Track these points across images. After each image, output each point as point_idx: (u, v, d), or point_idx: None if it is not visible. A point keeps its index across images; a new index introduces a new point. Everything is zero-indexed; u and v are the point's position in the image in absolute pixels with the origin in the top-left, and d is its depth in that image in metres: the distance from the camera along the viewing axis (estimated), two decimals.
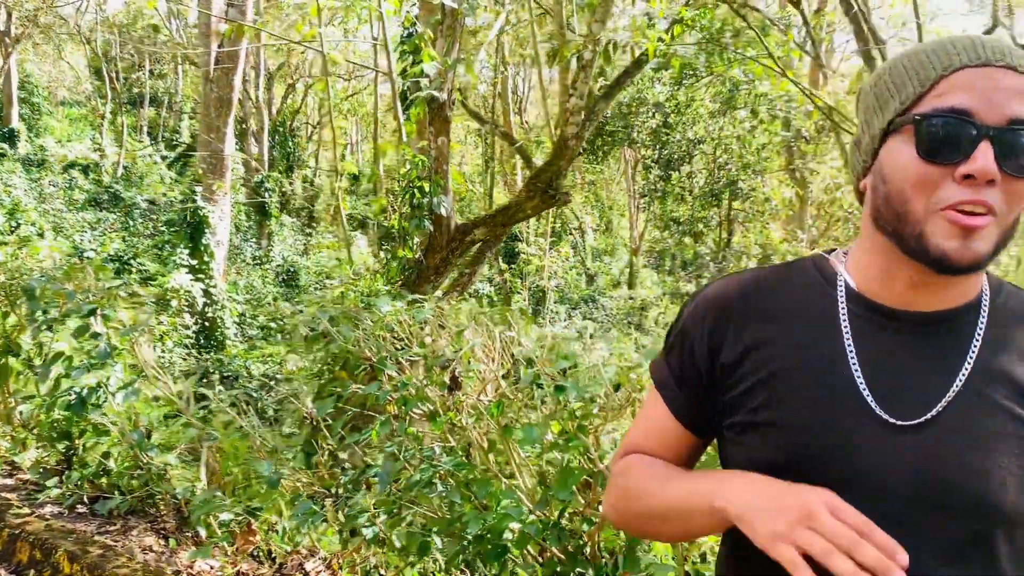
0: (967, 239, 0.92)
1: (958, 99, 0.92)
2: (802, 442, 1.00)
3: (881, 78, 1.01)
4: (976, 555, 0.95)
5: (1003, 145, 0.90)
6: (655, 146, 14.96)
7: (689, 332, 1.14)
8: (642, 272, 24.89)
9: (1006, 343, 1.00)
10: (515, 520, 2.78)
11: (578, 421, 2.69)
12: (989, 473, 0.94)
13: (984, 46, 0.93)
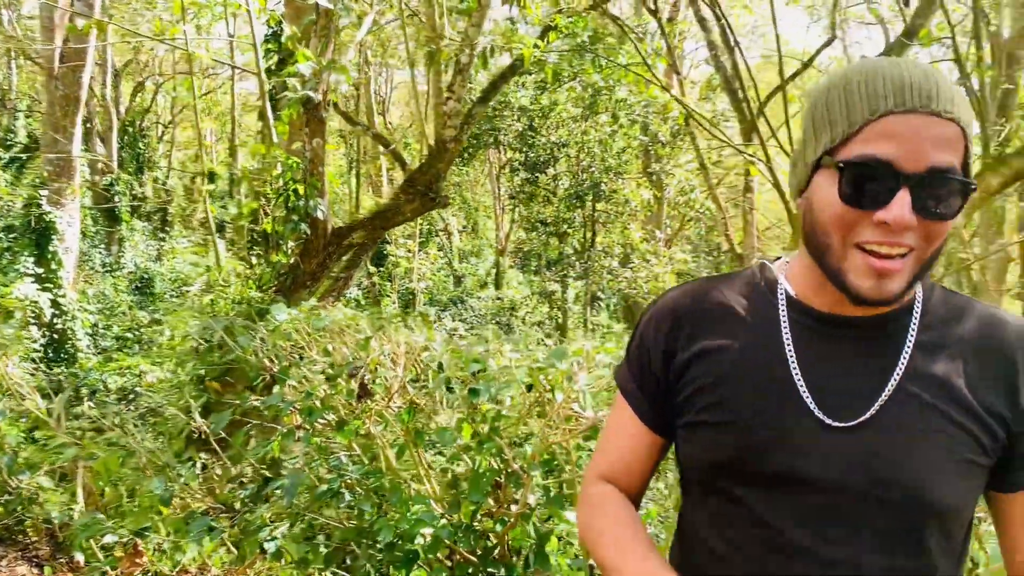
0: (881, 280, 0.98)
1: (881, 148, 0.96)
2: (746, 441, 1.07)
3: (816, 105, 1.05)
4: (908, 545, 1.02)
5: (921, 192, 0.95)
6: (521, 149, 15.18)
7: (646, 341, 1.21)
8: (508, 272, 25.17)
9: (937, 345, 1.07)
10: (427, 525, 2.78)
11: (491, 423, 2.72)
12: (921, 469, 1.01)
13: (912, 90, 0.95)
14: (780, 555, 1.04)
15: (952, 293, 1.15)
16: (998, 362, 1.06)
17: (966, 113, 0.98)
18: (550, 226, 16.18)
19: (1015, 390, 1.05)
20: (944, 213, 0.97)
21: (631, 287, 15.04)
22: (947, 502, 1.02)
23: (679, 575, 1.11)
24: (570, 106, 15.26)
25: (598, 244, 16.01)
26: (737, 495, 1.08)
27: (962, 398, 1.04)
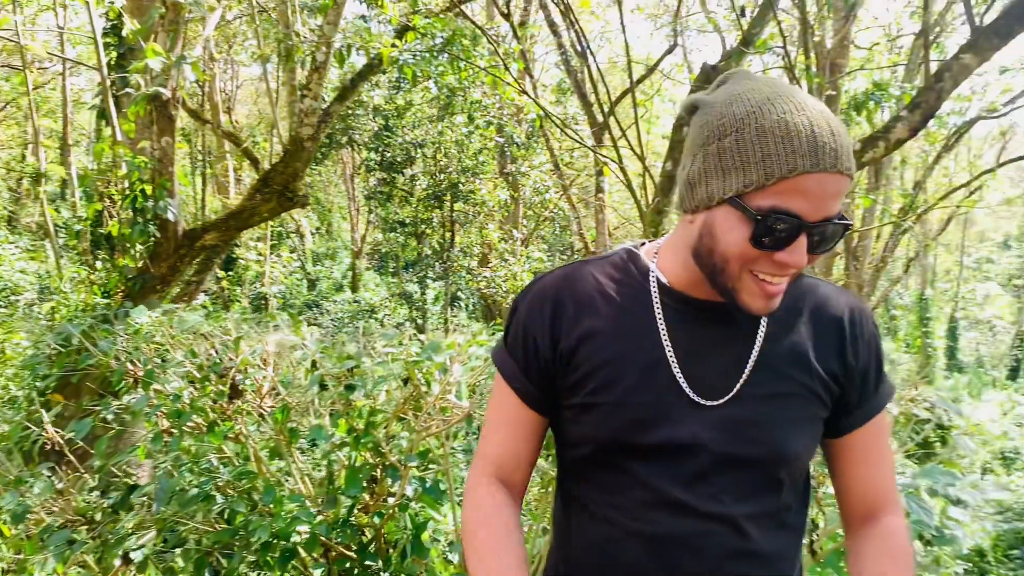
0: (769, 300, 1.13)
1: (794, 203, 1.05)
2: (631, 419, 1.18)
3: (726, 140, 1.09)
4: (769, 492, 1.19)
5: (815, 235, 1.08)
6: (377, 149, 15.04)
7: (530, 326, 1.27)
8: (365, 275, 24.88)
9: (784, 322, 1.23)
10: (304, 522, 2.78)
11: (367, 418, 2.75)
12: (778, 430, 1.18)
13: (824, 151, 1.04)
14: (664, 513, 1.17)
15: (802, 275, 1.30)
16: (831, 329, 1.24)
17: (853, 165, 1.09)
18: (408, 227, 16.14)
19: (844, 351, 1.23)
20: (826, 249, 1.11)
21: (490, 286, 15.23)
22: (798, 453, 1.20)
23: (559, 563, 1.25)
24: (426, 106, 15.29)
25: (457, 244, 16.11)
26: (624, 466, 1.20)
27: (807, 364, 1.21)
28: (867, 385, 1.25)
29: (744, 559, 1.17)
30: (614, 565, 1.20)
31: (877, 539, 1.26)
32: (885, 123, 4.87)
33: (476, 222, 16.30)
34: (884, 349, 1.27)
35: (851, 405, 1.25)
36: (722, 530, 1.16)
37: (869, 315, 1.27)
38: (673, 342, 1.20)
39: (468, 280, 16.41)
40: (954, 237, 35.63)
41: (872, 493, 1.28)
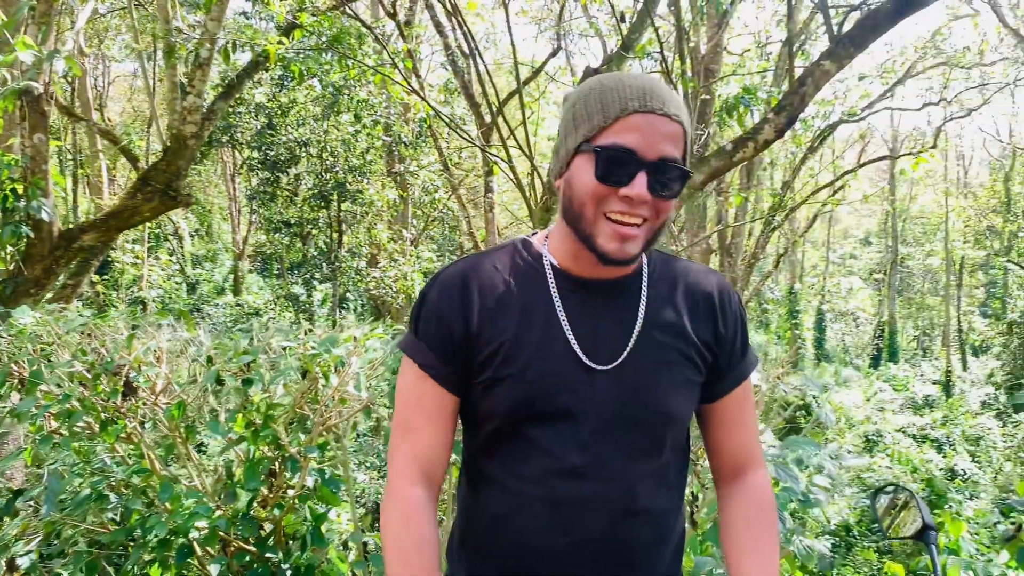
0: (623, 243, 1.25)
1: (627, 138, 1.22)
2: (535, 388, 1.30)
3: (576, 104, 1.29)
4: (656, 450, 1.34)
5: (654, 175, 1.23)
6: (260, 147, 14.74)
7: (443, 310, 1.34)
8: (248, 277, 24.28)
9: (662, 297, 1.38)
10: (202, 517, 2.78)
11: (265, 412, 2.78)
12: (662, 393, 1.33)
13: (652, 96, 1.23)
14: (565, 479, 1.28)
15: (670, 257, 1.47)
16: (704, 304, 1.39)
17: (686, 118, 1.27)
18: (294, 227, 15.87)
19: (715, 322, 1.39)
20: (669, 193, 1.25)
21: (380, 287, 15.16)
22: (679, 413, 1.35)
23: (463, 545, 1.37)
24: (310, 105, 15.07)
25: (345, 245, 15.94)
26: (528, 435, 1.30)
27: (685, 333, 1.36)
28: (735, 353, 1.41)
29: (636, 516, 1.30)
30: (519, 531, 1.30)
31: (745, 490, 1.42)
32: (754, 125, 5.20)
33: (364, 222, 16.18)
34: (749, 328, 1.46)
35: (722, 372, 1.40)
36: (616, 490, 1.28)
37: (735, 292, 1.43)
38: (568, 316, 1.32)
39: (357, 281, 16.27)
40: (820, 234, 37.72)
41: (740, 451, 1.44)
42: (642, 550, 1.31)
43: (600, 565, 1.28)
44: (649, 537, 1.32)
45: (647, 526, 1.32)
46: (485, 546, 1.36)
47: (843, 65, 4.83)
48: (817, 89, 4.93)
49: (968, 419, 21.52)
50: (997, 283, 28.29)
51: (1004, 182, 22.63)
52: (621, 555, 1.29)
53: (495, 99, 6.72)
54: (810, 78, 4.92)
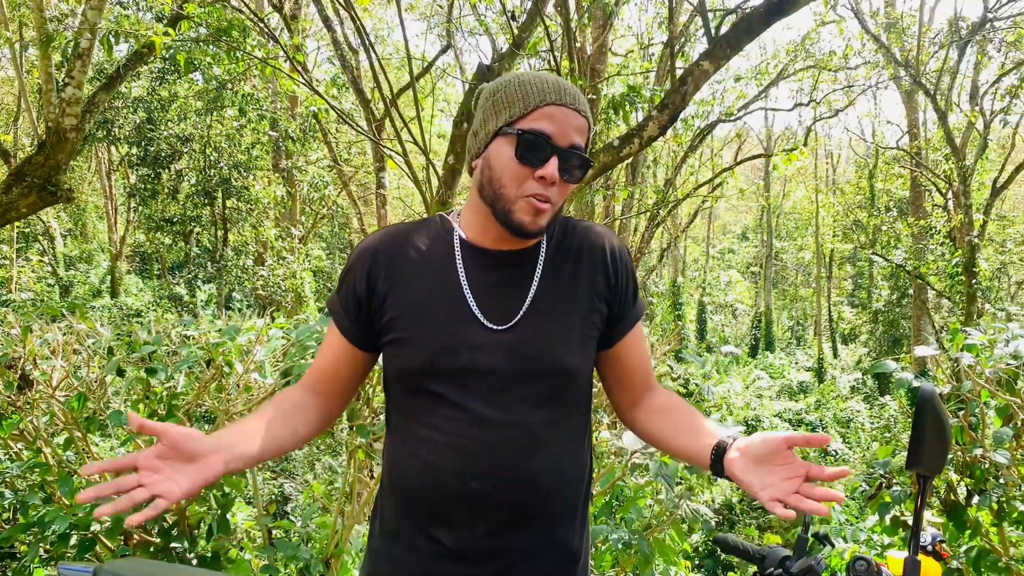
0: (536, 217, 1.42)
1: (544, 125, 1.40)
2: (438, 347, 1.45)
3: (497, 93, 1.46)
4: (555, 401, 1.48)
5: (564, 160, 1.41)
6: (139, 143, 14.20)
7: (352, 273, 1.54)
8: (127, 278, 23.30)
9: (559, 258, 1.54)
10: None
11: (168, 401, 2.78)
12: (556, 348, 1.48)
13: (565, 92, 1.43)
14: (471, 426, 1.43)
15: (567, 219, 1.62)
16: (598, 257, 1.56)
17: (590, 116, 1.46)
18: (176, 225, 15.36)
19: (608, 273, 1.55)
20: (572, 179, 1.43)
21: (268, 286, 14.88)
22: (575, 366, 1.50)
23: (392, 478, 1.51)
24: (192, 99, 14.64)
25: (231, 243, 15.54)
26: (435, 390, 1.45)
27: (580, 290, 1.53)
28: (628, 299, 1.59)
29: (538, 459, 1.45)
30: (433, 476, 1.44)
31: (654, 397, 1.65)
32: (639, 122, 5.44)
33: (250, 219, 15.84)
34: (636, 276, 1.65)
35: (618, 318, 1.58)
36: (519, 435, 1.43)
37: (622, 245, 1.61)
38: (469, 283, 1.48)
39: (244, 280, 15.91)
40: (700, 230, 39.16)
41: (642, 377, 1.65)
42: (545, 490, 1.46)
43: (507, 503, 1.43)
44: (551, 478, 1.47)
45: (549, 468, 1.46)
46: (405, 489, 1.49)
47: (720, 65, 5.13)
48: (697, 88, 5.21)
49: (839, 403, 22.82)
50: (863, 274, 30.06)
51: (868, 179, 24.07)
52: (526, 494, 1.44)
53: (389, 91, 6.75)
54: (690, 78, 5.20)
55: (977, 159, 14.43)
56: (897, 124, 21.71)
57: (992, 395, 2.91)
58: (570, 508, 1.52)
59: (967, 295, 13.29)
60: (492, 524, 1.43)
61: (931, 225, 17.84)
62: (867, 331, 26.66)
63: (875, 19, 14.68)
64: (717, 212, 38.90)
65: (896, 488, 3.11)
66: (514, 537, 1.44)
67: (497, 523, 1.43)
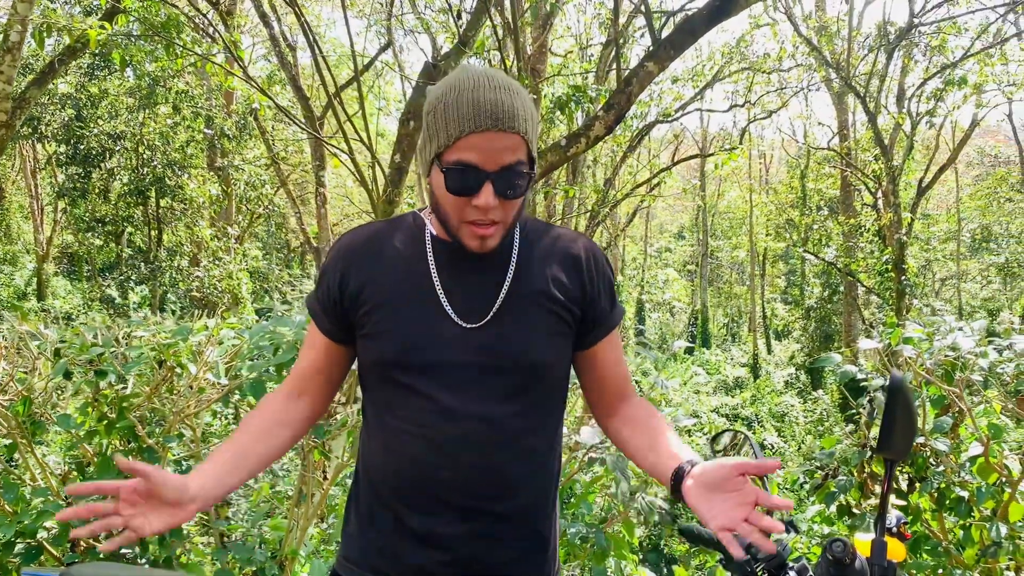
0: (483, 240, 1.44)
1: (469, 156, 1.37)
2: (408, 342, 1.48)
3: (429, 116, 1.43)
4: (522, 395, 1.50)
5: (499, 183, 1.38)
6: (68, 141, 13.77)
7: (328, 273, 1.57)
8: (54, 281, 22.55)
9: (532, 259, 1.56)
10: (52, 516, 2.68)
11: (119, 404, 2.72)
12: (527, 345, 1.50)
13: (484, 114, 1.36)
14: (440, 416, 1.45)
15: (543, 224, 1.65)
16: (571, 264, 1.57)
17: (523, 122, 1.39)
18: (107, 225, 14.93)
19: (583, 280, 1.57)
20: (515, 195, 1.42)
21: (204, 287, 14.57)
22: (546, 362, 1.52)
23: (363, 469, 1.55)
24: (124, 96, 14.25)
25: (165, 243, 15.18)
26: (405, 382, 1.47)
27: (551, 293, 1.54)
28: (602, 307, 1.60)
29: (507, 451, 1.48)
30: (405, 466, 1.47)
31: (631, 406, 1.66)
32: (585, 122, 5.50)
33: (185, 219, 15.49)
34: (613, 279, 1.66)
35: (592, 324, 1.59)
36: (487, 428, 1.46)
37: (600, 253, 1.62)
38: (441, 280, 1.50)
39: (178, 281, 15.55)
40: (639, 229, 39.67)
41: (616, 386, 1.66)
42: (513, 480, 1.49)
43: (476, 492, 1.46)
44: (520, 469, 1.50)
45: (517, 460, 1.49)
46: (377, 478, 1.52)
47: (665, 66, 5.22)
48: (642, 89, 5.29)
49: (774, 398, 23.40)
50: (796, 272, 30.83)
51: (800, 179, 24.71)
52: (494, 485, 1.47)
53: (333, 85, 6.67)
54: (635, 78, 5.28)
55: (905, 159, 14.95)
56: (828, 126, 22.33)
57: (929, 386, 3.03)
58: (539, 497, 1.55)
59: (897, 291, 13.75)
60: (460, 512, 1.46)
61: (861, 223, 18.40)
62: (800, 327, 27.35)
63: (807, 23, 15.08)
64: (655, 212, 39.48)
65: (841, 478, 3.21)
66: (483, 525, 1.48)
67: (465, 511, 1.46)
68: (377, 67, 16.76)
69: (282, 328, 2.85)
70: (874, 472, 3.17)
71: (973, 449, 2.99)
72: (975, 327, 2.94)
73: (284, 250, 28.19)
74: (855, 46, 15.75)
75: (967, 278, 30.21)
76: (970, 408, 2.90)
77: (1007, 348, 2.90)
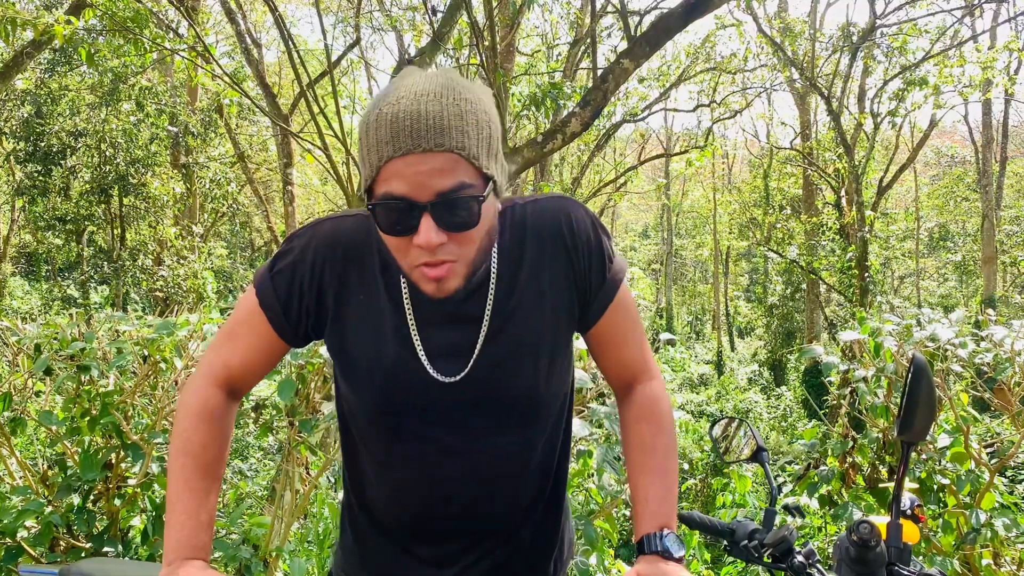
0: (440, 283, 1.18)
1: (394, 186, 1.11)
2: (391, 394, 1.32)
3: (360, 140, 1.17)
4: (522, 426, 1.37)
5: (439, 214, 1.12)
6: (28, 137, 13.48)
7: (299, 264, 1.33)
8: (11, 281, 22.05)
9: (514, 265, 1.32)
10: (33, 515, 2.64)
11: (102, 399, 2.67)
12: (520, 377, 1.32)
13: (403, 135, 1.09)
14: (438, 455, 1.34)
15: (518, 207, 1.37)
16: (554, 242, 1.34)
17: (458, 135, 1.11)
18: (68, 224, 14.64)
19: (569, 256, 1.34)
20: (465, 223, 1.14)
21: (168, 286, 14.35)
22: (543, 392, 1.37)
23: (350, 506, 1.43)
24: (86, 92, 13.99)
25: (129, 242, 14.92)
26: (393, 424, 1.34)
27: (546, 290, 1.34)
28: (596, 276, 1.37)
29: (510, 481, 1.38)
30: (405, 500, 1.38)
31: (635, 406, 1.45)
32: (562, 118, 5.52)
33: (148, 218, 15.24)
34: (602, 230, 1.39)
35: (590, 300, 1.38)
36: (488, 460, 1.35)
37: (581, 214, 1.36)
38: (416, 320, 1.30)
39: (142, 281, 15.28)
40: None
41: (626, 366, 1.47)
42: (521, 505, 1.41)
43: (483, 519, 1.38)
44: (529, 489, 1.41)
45: (523, 485, 1.40)
46: (374, 511, 1.43)
47: (640, 63, 5.26)
48: (618, 86, 5.32)
49: (738, 394, 23.63)
50: (759, 270, 31.18)
51: (763, 179, 25.00)
52: (506, 508, 1.39)
53: (307, 76, 6.61)
54: (611, 75, 5.31)
55: (867, 159, 15.21)
56: (791, 126, 22.65)
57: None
58: (553, 506, 1.47)
59: (860, 288, 13.99)
60: (468, 539, 1.39)
61: (823, 222, 18.69)
62: (763, 324, 27.66)
63: (771, 24, 15.28)
64: (620, 211, 39.70)
65: (823, 468, 3.26)
66: (490, 546, 1.40)
67: (472, 537, 1.39)
68: (344, 65, 16.64)
69: None
70: (856, 463, 3.22)
71: (942, 440, 3.05)
72: (953, 318, 3.00)
73: (248, 249, 27.86)
74: (818, 47, 16.00)
75: (925, 276, 30.83)
76: (951, 397, 2.96)
77: (984, 339, 2.97)
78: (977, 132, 23.91)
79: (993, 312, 3.30)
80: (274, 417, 2.93)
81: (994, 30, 19.64)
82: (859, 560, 1.34)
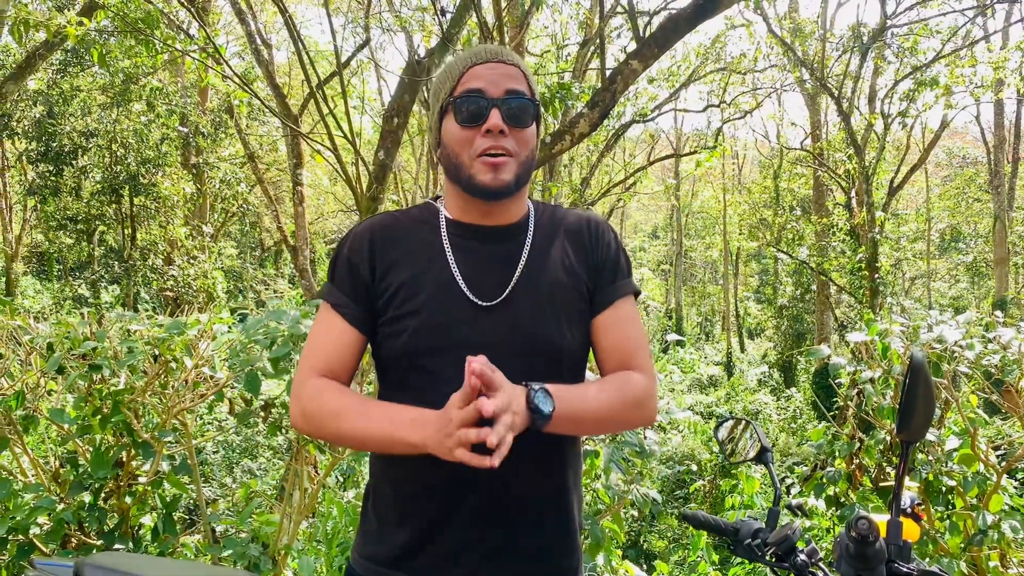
0: (496, 173, 1.46)
1: (473, 84, 1.48)
2: (430, 324, 1.48)
3: (434, 85, 1.57)
4: (549, 375, 1.45)
5: (505, 108, 1.47)
6: (40, 138, 13.56)
7: (354, 259, 1.55)
8: (23, 280, 22.18)
9: (546, 239, 1.59)
10: (45, 512, 2.66)
11: (113, 398, 2.70)
12: (546, 323, 1.51)
13: (485, 51, 1.52)
14: None
15: (554, 207, 1.67)
16: (577, 239, 1.60)
17: (521, 64, 1.53)
18: (80, 224, 14.72)
19: (587, 253, 1.59)
20: (522, 124, 1.49)
21: (178, 285, 14.42)
22: (565, 342, 1.53)
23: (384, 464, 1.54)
24: (97, 93, 14.07)
25: (139, 242, 15.00)
26: (429, 367, 1.47)
27: (566, 270, 1.56)
28: (606, 276, 1.59)
29: (534, 434, 1.42)
30: (440, 461, 1.41)
31: (615, 375, 1.57)
32: (570, 119, 5.53)
33: (159, 218, 15.31)
34: (623, 251, 1.65)
35: (598, 293, 1.58)
36: None
37: (604, 225, 1.65)
38: (456, 260, 1.52)
39: (152, 280, 15.35)
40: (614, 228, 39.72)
41: (619, 355, 1.58)
42: (543, 463, 1.51)
43: (507, 475, 1.42)
44: (548, 452, 1.52)
45: (544, 443, 1.47)
46: (398, 465, 1.51)
47: (649, 64, 5.26)
48: (626, 86, 5.32)
49: (748, 396, 23.57)
50: (768, 271, 31.07)
51: (773, 179, 24.93)
52: (522, 467, 1.45)
53: (316, 77, 6.64)
54: (619, 76, 5.31)
55: (878, 159, 15.15)
56: (801, 126, 22.57)
57: None
58: (565, 480, 1.56)
59: (870, 289, 13.94)
60: (484, 496, 1.47)
61: (833, 223, 18.62)
62: (773, 326, 27.59)
63: (781, 24, 15.24)
64: (629, 211, 39.65)
65: (830, 470, 3.26)
66: (516, 512, 1.49)
67: (490, 493, 1.47)
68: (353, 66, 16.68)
69: (278, 323, 2.84)
70: (863, 464, 3.22)
71: (950, 443, 3.04)
72: (961, 319, 3.00)
73: (258, 249, 27.96)
74: (828, 48, 15.95)
75: (936, 277, 30.67)
76: (958, 399, 2.96)
77: (992, 340, 2.96)
78: (989, 132, 23.80)
79: (1002, 314, 3.29)
80: (283, 416, 2.95)
81: (1006, 30, 19.54)
82: (858, 556, 1.36)
